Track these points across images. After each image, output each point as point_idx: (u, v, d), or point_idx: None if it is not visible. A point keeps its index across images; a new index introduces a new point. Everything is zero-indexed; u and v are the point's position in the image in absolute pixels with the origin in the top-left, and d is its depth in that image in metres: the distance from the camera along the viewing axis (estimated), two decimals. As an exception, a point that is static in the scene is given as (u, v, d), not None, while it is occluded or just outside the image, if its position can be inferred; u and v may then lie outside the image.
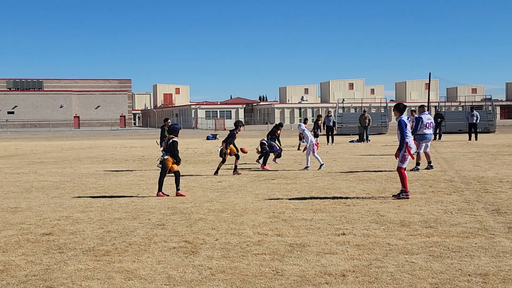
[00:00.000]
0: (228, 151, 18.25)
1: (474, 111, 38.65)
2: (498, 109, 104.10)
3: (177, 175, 13.44)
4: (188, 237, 8.73)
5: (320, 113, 42.81)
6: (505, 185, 13.82)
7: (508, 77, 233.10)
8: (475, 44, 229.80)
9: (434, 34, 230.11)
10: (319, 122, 34.38)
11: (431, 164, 18.13)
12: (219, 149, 18.18)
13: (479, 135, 38.44)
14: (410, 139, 12.29)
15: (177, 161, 13.40)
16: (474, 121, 37.49)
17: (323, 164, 19.03)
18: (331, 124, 36.64)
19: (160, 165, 15.06)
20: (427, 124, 18.03)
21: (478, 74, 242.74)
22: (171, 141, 13.41)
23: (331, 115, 37.21)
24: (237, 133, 18.49)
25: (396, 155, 12.28)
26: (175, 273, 6.77)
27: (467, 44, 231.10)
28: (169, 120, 22.12)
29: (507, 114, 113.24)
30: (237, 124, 18.56)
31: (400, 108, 12.61)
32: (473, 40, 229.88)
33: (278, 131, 23.02)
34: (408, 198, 12.04)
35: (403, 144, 12.19)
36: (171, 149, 13.39)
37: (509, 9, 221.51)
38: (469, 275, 6.45)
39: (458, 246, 7.78)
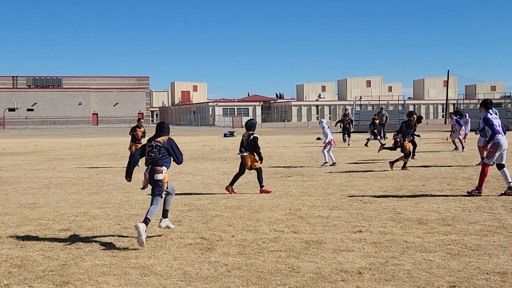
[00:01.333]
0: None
1: (493, 109, 38.33)
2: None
3: (259, 172, 13.06)
4: (204, 233, 8.73)
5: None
6: (524, 183, 13.64)
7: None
8: (494, 41, 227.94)
9: (452, 31, 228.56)
10: (376, 120, 33.45)
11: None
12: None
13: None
14: (499, 136, 12.11)
15: (260, 159, 12.95)
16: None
17: (327, 162, 19.03)
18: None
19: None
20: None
21: (498, 71, 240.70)
22: (252, 137, 12.94)
23: (348, 113, 36.69)
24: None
25: (481, 150, 12.01)
26: (191, 269, 6.77)
27: (487, 41, 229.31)
28: (141, 120, 21.23)
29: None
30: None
31: (487, 104, 12.82)
32: (492, 37, 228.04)
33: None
34: (480, 195, 11.88)
35: (492, 139, 12.10)
36: (252, 146, 12.92)
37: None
38: (487, 273, 6.39)
39: (476, 244, 7.71)
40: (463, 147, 24.84)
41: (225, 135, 49.52)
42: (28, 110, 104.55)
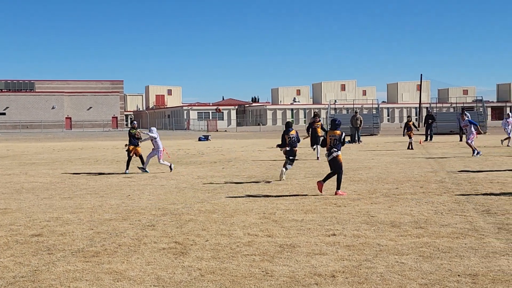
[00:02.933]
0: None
1: (466, 112, 38.73)
2: (489, 110, 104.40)
3: (340, 174, 13.18)
4: (178, 238, 8.70)
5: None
6: (496, 186, 13.85)
7: (499, 78, 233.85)
8: (466, 46, 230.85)
9: (426, 35, 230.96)
10: (410, 123, 32.12)
11: None
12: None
13: (470, 136, 38.48)
14: None
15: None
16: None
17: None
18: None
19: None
20: None
21: (470, 75, 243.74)
22: (344, 135, 13.16)
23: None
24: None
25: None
26: (165, 274, 6.74)
27: (459, 45, 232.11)
28: (134, 122, 21.19)
29: (497, 115, 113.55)
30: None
31: None
32: (464, 42, 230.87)
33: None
34: None
35: None
36: (344, 143, 13.18)
37: (500, 12, 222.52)
38: (458, 275, 6.45)
39: (448, 247, 7.79)
40: (476, 151, 23.28)
41: (199, 139, 49.38)
42: (0, 114, 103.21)
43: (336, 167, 13.10)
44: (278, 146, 17.11)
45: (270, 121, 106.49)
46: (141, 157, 19.86)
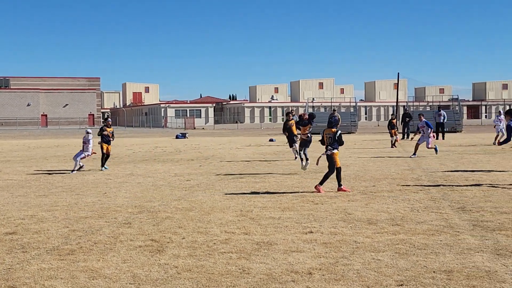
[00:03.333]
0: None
1: (442, 111, 39.13)
2: (465, 109, 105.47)
3: (339, 171, 13.09)
4: (154, 235, 8.65)
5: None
6: (471, 183, 13.98)
7: (475, 77, 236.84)
8: (443, 45, 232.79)
9: (403, 34, 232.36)
10: (394, 121, 32.06)
11: None
12: None
13: (446, 135, 38.87)
14: None
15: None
16: (442, 121, 37.90)
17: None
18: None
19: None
20: None
21: (446, 74, 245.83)
22: (338, 133, 13.09)
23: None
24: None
25: None
26: (141, 272, 6.70)
27: (436, 45, 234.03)
28: (109, 120, 21.07)
29: (473, 114, 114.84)
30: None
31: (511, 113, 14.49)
32: (441, 41, 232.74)
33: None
34: None
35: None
36: (339, 142, 13.07)
37: (475, 12, 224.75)
38: (434, 272, 6.50)
39: (424, 244, 7.84)
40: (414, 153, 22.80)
41: (177, 137, 49.19)
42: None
43: (329, 165, 13.10)
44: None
45: (248, 119, 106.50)
46: (108, 156, 19.73)
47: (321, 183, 13.13)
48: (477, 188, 13.14)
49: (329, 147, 13.07)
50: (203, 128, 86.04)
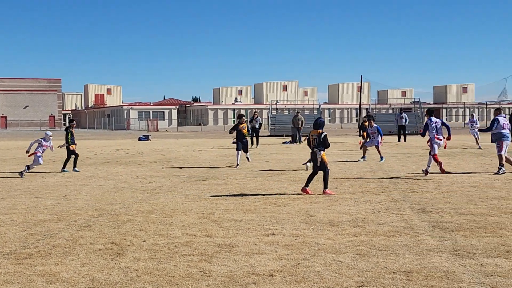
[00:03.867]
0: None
1: (403, 113, 39.59)
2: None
3: (327, 173, 13.08)
4: (115, 238, 8.55)
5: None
6: (431, 185, 14.17)
7: (436, 81, 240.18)
8: (405, 48, 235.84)
9: (366, 37, 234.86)
10: (366, 123, 31.71)
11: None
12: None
13: (408, 137, 39.37)
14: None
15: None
16: (403, 123, 38.38)
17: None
18: (258, 126, 34.54)
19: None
20: (504, 124, 17.14)
21: (408, 77, 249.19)
22: (323, 135, 13.01)
23: (257, 116, 35.36)
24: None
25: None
26: (100, 275, 6.60)
27: (398, 48, 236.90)
28: (74, 122, 20.89)
29: (434, 116, 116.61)
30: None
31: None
32: (403, 44, 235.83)
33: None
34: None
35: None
36: (324, 143, 13.01)
37: (435, 16, 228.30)
38: (393, 272, 6.55)
39: (384, 245, 7.90)
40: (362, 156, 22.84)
41: (140, 139, 48.81)
42: None
43: (321, 167, 13.09)
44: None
45: (211, 121, 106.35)
46: (69, 158, 19.54)
47: (325, 186, 13.11)
48: (437, 190, 13.32)
49: (315, 148, 13.11)
50: (166, 130, 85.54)
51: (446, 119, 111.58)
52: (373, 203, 11.55)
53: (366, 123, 27.17)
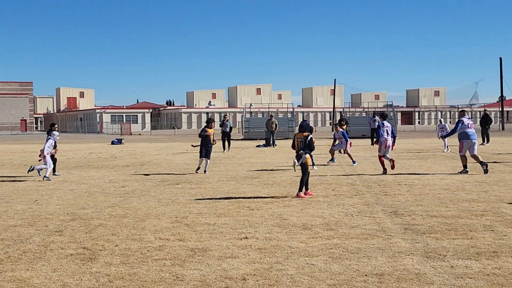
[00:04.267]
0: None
1: (376, 117, 39.85)
2: (399, 115, 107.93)
3: (307, 175, 13.12)
4: (86, 243, 8.47)
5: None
6: (403, 188, 14.29)
7: (409, 84, 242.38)
8: (378, 52, 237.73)
9: (340, 41, 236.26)
10: (344, 127, 31.41)
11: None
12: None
13: (380, 140, 39.58)
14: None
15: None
16: (376, 127, 38.60)
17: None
18: (228, 129, 33.90)
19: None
20: (469, 124, 18.04)
21: (381, 81, 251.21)
22: (309, 137, 13.06)
23: (227, 120, 34.85)
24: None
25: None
26: (71, 280, 6.54)
27: (371, 51, 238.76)
28: (56, 126, 20.82)
29: (407, 120, 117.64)
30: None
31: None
32: (376, 48, 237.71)
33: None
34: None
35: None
36: (310, 146, 13.07)
37: (408, 21, 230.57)
38: (366, 275, 6.59)
39: (357, 248, 7.95)
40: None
41: (112, 143, 48.45)
42: None
43: (302, 170, 13.16)
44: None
45: (185, 124, 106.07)
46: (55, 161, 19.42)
47: (300, 189, 13.15)
48: (409, 193, 13.43)
49: (301, 151, 13.12)
50: (139, 134, 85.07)
51: (419, 122, 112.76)
52: (346, 206, 11.61)
53: (344, 126, 27.31)
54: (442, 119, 32.66)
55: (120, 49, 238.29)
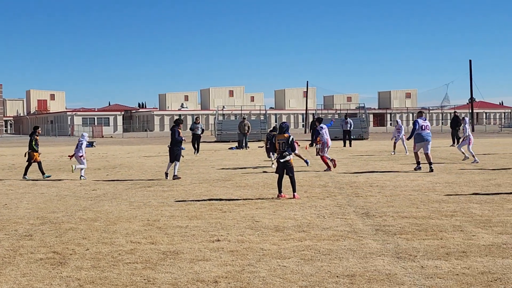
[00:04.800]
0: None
1: (348, 119, 40.07)
2: (371, 117, 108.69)
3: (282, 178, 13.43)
4: (57, 247, 8.38)
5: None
6: (375, 189, 14.39)
7: (380, 86, 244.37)
8: (350, 54, 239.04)
9: (312, 42, 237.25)
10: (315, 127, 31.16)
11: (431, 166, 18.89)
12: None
13: (353, 142, 39.83)
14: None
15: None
16: (348, 128, 38.83)
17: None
18: (200, 132, 33.51)
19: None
20: (423, 126, 19.43)
21: (353, 83, 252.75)
22: (291, 138, 13.27)
23: (199, 122, 34.42)
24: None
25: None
26: (41, 285, 6.46)
27: (344, 54, 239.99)
28: (39, 129, 20.87)
29: (379, 121, 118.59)
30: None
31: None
32: (349, 50, 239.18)
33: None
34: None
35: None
36: (292, 147, 13.31)
37: (379, 24, 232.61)
38: (337, 276, 6.63)
39: (329, 249, 7.99)
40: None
41: (84, 145, 48.03)
42: None
43: (288, 171, 13.30)
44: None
45: (157, 127, 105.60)
46: (39, 164, 19.24)
47: (294, 190, 13.35)
48: (381, 194, 13.54)
49: (285, 152, 13.27)
50: (111, 137, 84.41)
51: (391, 124, 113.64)
52: (318, 208, 11.66)
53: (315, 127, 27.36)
54: (398, 120, 32.74)
55: (92, 51, 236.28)
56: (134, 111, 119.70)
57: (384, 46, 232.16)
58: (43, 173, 19.13)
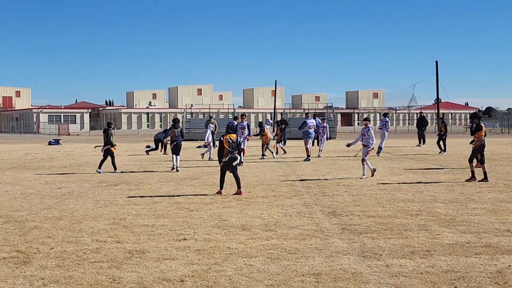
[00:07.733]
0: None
1: (316, 118, 40.25)
2: (339, 117, 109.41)
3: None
4: (20, 246, 8.26)
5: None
6: (342, 189, 14.49)
7: (348, 86, 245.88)
8: (318, 54, 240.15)
9: (280, 42, 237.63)
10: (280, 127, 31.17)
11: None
12: None
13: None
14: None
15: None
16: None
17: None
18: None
19: None
20: (310, 125, 24.81)
21: (321, 83, 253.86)
22: (242, 138, 13.56)
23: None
24: None
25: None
26: (4, 285, 6.36)
27: (312, 53, 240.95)
28: (113, 125, 21.30)
29: (347, 121, 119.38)
30: None
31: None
32: (316, 50, 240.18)
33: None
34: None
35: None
36: (239, 147, 13.69)
37: (346, 24, 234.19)
38: (303, 275, 6.66)
39: (295, 248, 8.02)
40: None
41: (50, 143, 47.41)
42: None
43: (232, 168, 13.58)
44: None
45: (125, 125, 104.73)
46: (113, 158, 20.64)
47: (239, 186, 13.76)
48: (347, 193, 13.64)
49: (236, 151, 13.59)
50: (78, 134, 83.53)
51: (358, 124, 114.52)
52: (285, 207, 11.70)
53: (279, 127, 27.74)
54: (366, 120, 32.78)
55: (59, 48, 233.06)
56: (101, 109, 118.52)
57: (352, 47, 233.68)
58: (115, 168, 20.22)
